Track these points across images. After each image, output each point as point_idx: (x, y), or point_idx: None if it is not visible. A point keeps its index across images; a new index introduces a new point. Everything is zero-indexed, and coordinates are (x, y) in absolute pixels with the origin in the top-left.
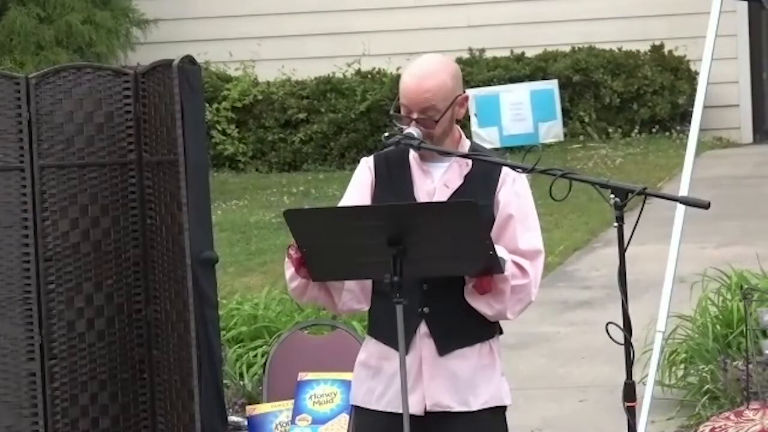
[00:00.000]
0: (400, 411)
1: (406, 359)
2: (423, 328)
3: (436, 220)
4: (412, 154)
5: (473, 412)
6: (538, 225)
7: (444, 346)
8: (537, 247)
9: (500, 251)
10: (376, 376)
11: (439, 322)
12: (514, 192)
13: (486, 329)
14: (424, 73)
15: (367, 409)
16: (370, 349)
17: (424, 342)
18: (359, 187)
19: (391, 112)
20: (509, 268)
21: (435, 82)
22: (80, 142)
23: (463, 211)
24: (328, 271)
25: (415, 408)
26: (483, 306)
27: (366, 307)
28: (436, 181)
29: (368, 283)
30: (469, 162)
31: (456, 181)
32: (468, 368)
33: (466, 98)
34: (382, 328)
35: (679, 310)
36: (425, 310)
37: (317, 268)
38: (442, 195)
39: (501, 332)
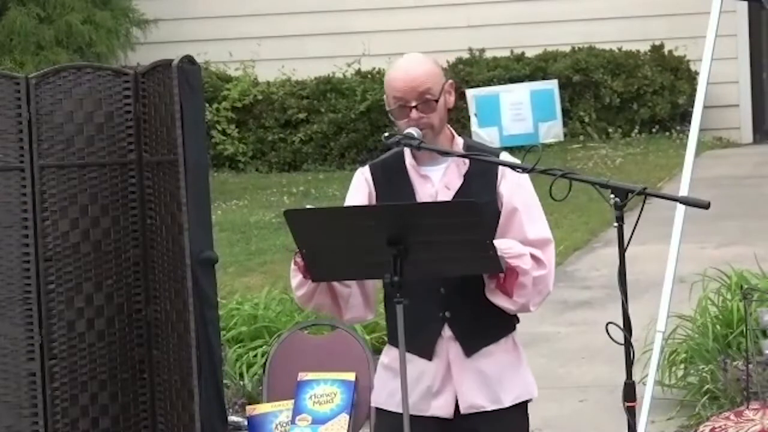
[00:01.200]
0: (423, 414)
1: (432, 364)
2: (447, 332)
3: (436, 220)
4: (408, 161)
5: (505, 408)
6: (543, 214)
7: (470, 347)
8: (546, 236)
9: (515, 245)
10: (398, 378)
11: (462, 324)
12: (515, 184)
13: (507, 324)
14: (409, 65)
15: (389, 411)
16: (393, 354)
17: (450, 345)
18: (359, 200)
19: (388, 108)
20: (528, 261)
21: (424, 68)
22: (80, 142)
23: (463, 210)
24: (328, 271)
25: (444, 410)
26: (506, 302)
27: (371, 317)
28: (436, 184)
29: (372, 291)
30: (467, 160)
31: (456, 182)
32: (495, 365)
33: (452, 84)
34: (409, 333)
35: (679, 310)
36: (447, 314)
37: (317, 268)
38: (444, 197)
39: (518, 320)
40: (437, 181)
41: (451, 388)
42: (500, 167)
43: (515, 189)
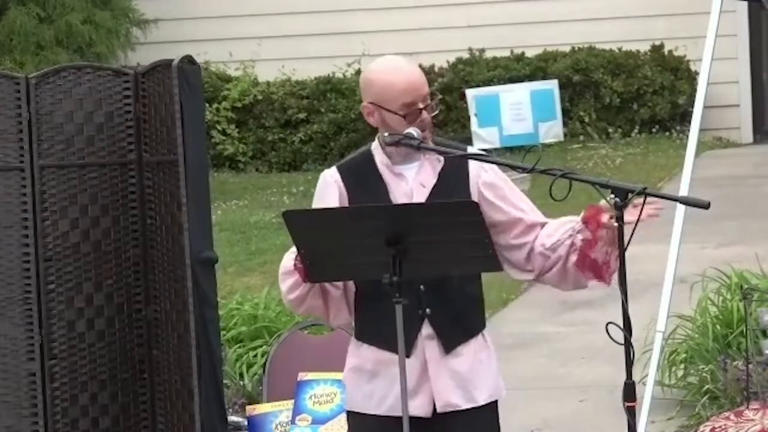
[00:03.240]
0: (401, 414)
1: (408, 363)
2: (426, 330)
3: (435, 220)
4: (380, 160)
5: (479, 407)
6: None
7: (448, 345)
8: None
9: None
10: (374, 379)
11: (440, 321)
12: (495, 177)
13: (477, 321)
14: (404, 68)
15: (366, 414)
16: (365, 354)
17: (426, 343)
18: (329, 203)
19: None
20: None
21: (416, 69)
22: (80, 142)
23: (463, 210)
24: (326, 272)
25: (421, 410)
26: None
27: (351, 320)
28: (410, 182)
29: (351, 294)
30: (441, 158)
31: (431, 180)
32: (468, 363)
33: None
34: (376, 332)
35: (679, 310)
36: (427, 311)
37: (315, 268)
38: (419, 195)
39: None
40: (411, 179)
41: (427, 386)
42: (471, 165)
43: (496, 182)
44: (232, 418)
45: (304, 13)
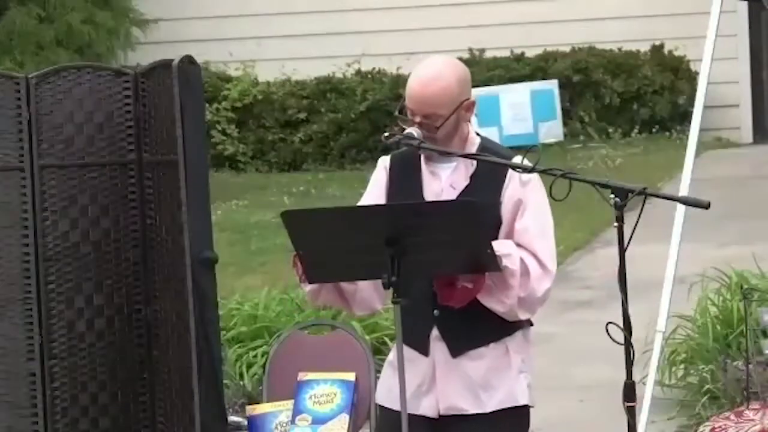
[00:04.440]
0: (414, 412)
1: (422, 363)
2: (435, 331)
3: (434, 219)
4: (424, 156)
5: (488, 413)
6: (551, 233)
7: (456, 348)
8: (549, 266)
9: (507, 246)
10: (396, 374)
11: (450, 324)
12: (525, 191)
13: (501, 329)
14: (429, 79)
15: (386, 407)
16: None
17: (436, 345)
18: (375, 187)
19: (396, 113)
20: (517, 263)
21: (439, 88)
22: (80, 142)
23: (461, 210)
24: (326, 272)
25: (429, 411)
26: (494, 303)
27: (380, 307)
28: (443, 182)
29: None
30: (474, 161)
31: (462, 182)
32: (481, 369)
33: (473, 103)
34: (404, 329)
35: (679, 310)
36: (436, 312)
37: (315, 269)
38: (448, 196)
39: (531, 324)
40: (444, 179)
41: (435, 387)
42: (509, 173)
43: (526, 196)
44: (232, 418)
45: (304, 13)
